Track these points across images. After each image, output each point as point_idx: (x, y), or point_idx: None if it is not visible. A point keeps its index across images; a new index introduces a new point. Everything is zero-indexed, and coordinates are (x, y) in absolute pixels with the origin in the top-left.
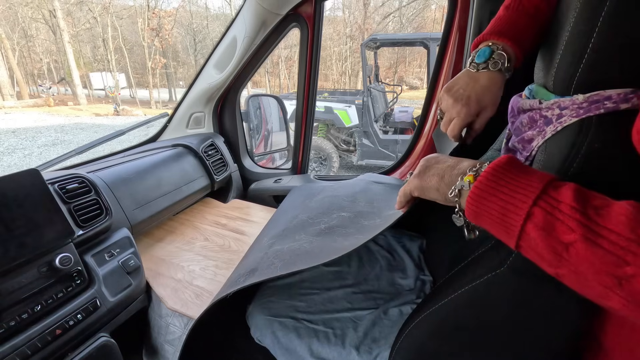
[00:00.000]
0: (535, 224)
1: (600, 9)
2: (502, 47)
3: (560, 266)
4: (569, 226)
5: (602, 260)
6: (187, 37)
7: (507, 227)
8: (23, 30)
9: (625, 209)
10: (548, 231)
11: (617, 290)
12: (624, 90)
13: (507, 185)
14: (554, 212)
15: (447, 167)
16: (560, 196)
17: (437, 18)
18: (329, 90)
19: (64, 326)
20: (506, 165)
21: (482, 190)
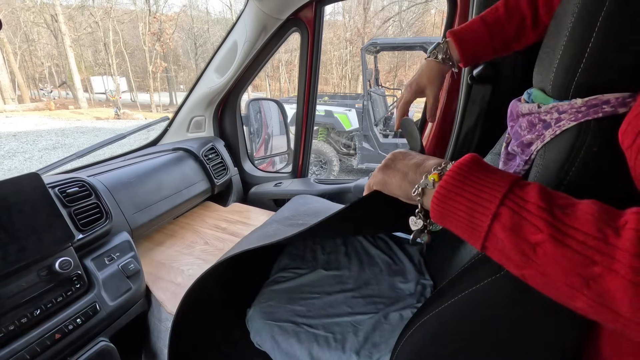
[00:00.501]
0: (502, 224)
1: (598, 13)
2: (444, 43)
3: (526, 267)
4: (536, 226)
5: (570, 260)
6: (188, 41)
7: (474, 227)
8: (25, 34)
9: (590, 207)
10: (515, 231)
11: (585, 290)
12: (622, 94)
13: (473, 184)
14: (521, 212)
15: (412, 165)
16: (526, 195)
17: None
18: (329, 94)
19: (63, 330)
20: (471, 164)
21: (447, 190)
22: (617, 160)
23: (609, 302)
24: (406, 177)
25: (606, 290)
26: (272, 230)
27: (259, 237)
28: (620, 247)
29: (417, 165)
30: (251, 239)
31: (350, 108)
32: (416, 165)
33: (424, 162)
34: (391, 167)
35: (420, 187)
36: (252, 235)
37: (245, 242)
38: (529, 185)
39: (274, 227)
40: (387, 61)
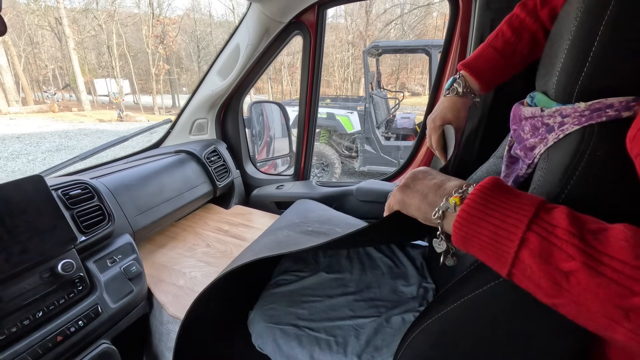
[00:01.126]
0: (530, 251)
1: (602, 17)
2: (462, 76)
3: (558, 296)
4: (567, 253)
5: (607, 290)
6: (190, 44)
7: (500, 253)
8: (29, 37)
9: (623, 233)
10: (545, 258)
11: (624, 322)
12: (626, 98)
13: (497, 208)
14: (550, 238)
15: (432, 186)
16: (554, 220)
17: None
18: (331, 96)
19: (65, 333)
20: (494, 187)
21: (470, 214)
22: (622, 165)
23: None
24: (426, 199)
25: None
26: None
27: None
28: None
29: (437, 186)
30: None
31: (352, 110)
32: (436, 187)
33: (445, 184)
34: (411, 187)
35: (441, 210)
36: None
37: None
38: (557, 208)
39: (284, 234)
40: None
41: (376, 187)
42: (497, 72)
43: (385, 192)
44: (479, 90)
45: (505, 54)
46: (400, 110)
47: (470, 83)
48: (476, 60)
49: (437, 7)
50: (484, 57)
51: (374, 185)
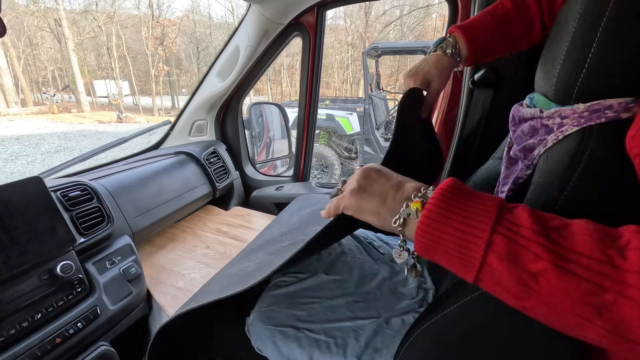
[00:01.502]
0: (497, 254)
1: (600, 19)
2: (453, 37)
3: (528, 298)
4: (535, 253)
5: (577, 288)
6: (190, 45)
7: (465, 259)
8: (29, 38)
9: (586, 228)
10: (513, 260)
11: (597, 320)
12: (625, 99)
13: (460, 212)
14: (516, 238)
15: (390, 188)
16: (517, 219)
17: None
18: (331, 97)
19: (64, 335)
20: (454, 189)
21: (433, 220)
22: (621, 165)
23: (624, 332)
24: (384, 204)
25: (620, 319)
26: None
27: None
28: (629, 270)
29: (396, 188)
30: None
31: (351, 112)
32: (395, 189)
33: (403, 186)
34: (366, 190)
35: (402, 216)
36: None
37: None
38: (517, 207)
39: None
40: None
41: None
42: (489, 44)
43: None
44: (466, 57)
45: (502, 25)
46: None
47: (460, 46)
48: (471, 24)
49: (436, 9)
50: (479, 23)
51: None
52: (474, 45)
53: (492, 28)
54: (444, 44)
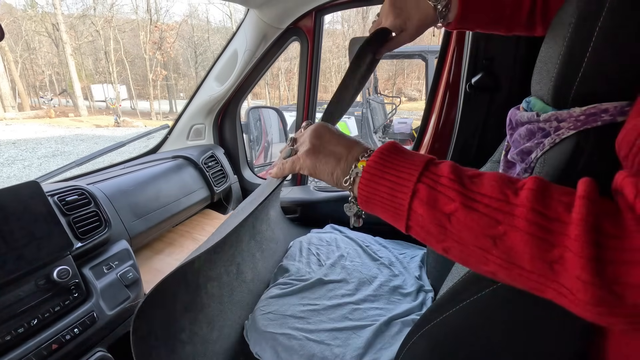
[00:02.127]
0: (420, 200)
1: (595, 23)
2: None
3: (445, 239)
4: (449, 197)
5: (478, 223)
6: (188, 49)
7: (396, 207)
8: (26, 42)
9: (495, 175)
10: (432, 204)
11: (493, 250)
12: (620, 103)
13: (393, 167)
14: (436, 186)
15: (343, 149)
16: (439, 171)
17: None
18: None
19: (60, 341)
20: (391, 148)
21: (371, 174)
22: (618, 168)
23: (513, 258)
24: (339, 165)
25: (510, 246)
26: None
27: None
28: (518, 204)
29: (347, 149)
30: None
31: (349, 115)
32: (346, 150)
33: (353, 147)
34: (321, 150)
35: (352, 176)
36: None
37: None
38: (443, 162)
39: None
40: (385, 69)
41: None
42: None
43: None
44: (450, 20)
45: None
46: (397, 115)
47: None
48: None
49: None
50: None
51: None
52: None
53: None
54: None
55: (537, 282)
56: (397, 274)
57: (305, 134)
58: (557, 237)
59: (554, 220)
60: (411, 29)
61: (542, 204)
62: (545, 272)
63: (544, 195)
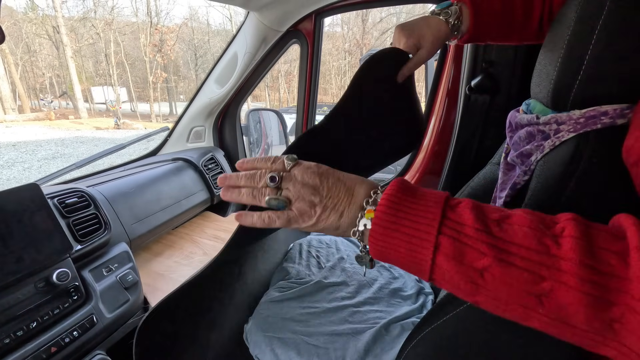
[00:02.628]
0: (445, 255)
1: (594, 26)
2: (460, 7)
3: (477, 294)
4: (479, 250)
5: (519, 279)
6: (188, 52)
7: (417, 262)
8: (27, 45)
9: (524, 218)
10: (459, 259)
11: (539, 309)
12: (620, 105)
13: (407, 216)
14: (461, 238)
15: (344, 198)
16: (461, 218)
17: None
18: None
19: (59, 343)
20: (399, 192)
21: (383, 227)
22: (618, 171)
23: (564, 317)
24: (341, 219)
25: (560, 305)
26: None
27: None
28: (563, 257)
29: (348, 195)
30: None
31: None
32: (347, 197)
33: (354, 191)
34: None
35: (359, 228)
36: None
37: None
38: (460, 204)
39: None
40: None
41: None
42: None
43: None
44: (464, 33)
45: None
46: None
47: (463, 18)
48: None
49: None
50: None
51: None
52: (477, 21)
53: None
54: (449, 10)
55: (594, 340)
56: (397, 276)
57: (296, 184)
58: (616, 294)
59: (609, 275)
60: (427, 45)
61: (590, 257)
62: (603, 332)
63: (590, 243)
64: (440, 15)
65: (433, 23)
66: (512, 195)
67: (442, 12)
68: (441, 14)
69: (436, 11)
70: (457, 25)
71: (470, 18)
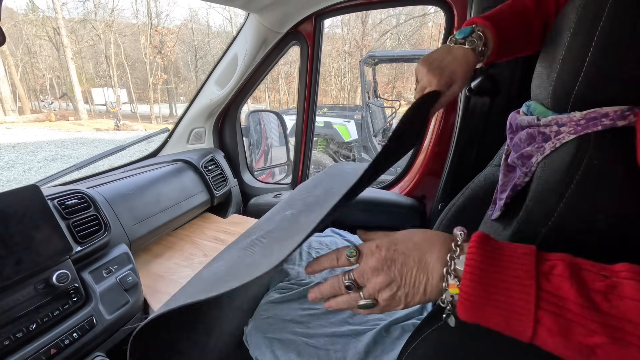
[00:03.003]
0: (548, 329)
1: (595, 27)
2: (482, 30)
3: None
4: (588, 328)
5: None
6: (188, 53)
7: (517, 333)
8: (27, 47)
9: (635, 289)
10: (566, 335)
11: None
12: (621, 107)
13: (498, 291)
14: (563, 313)
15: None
16: (560, 291)
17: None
18: (328, 105)
19: (59, 345)
20: (482, 263)
21: (472, 302)
22: (619, 173)
23: None
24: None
25: None
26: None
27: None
28: None
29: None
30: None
31: (349, 119)
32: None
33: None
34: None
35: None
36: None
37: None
38: (555, 270)
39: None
40: (385, 73)
41: (374, 195)
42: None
43: (383, 201)
44: (488, 55)
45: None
46: (396, 118)
47: (488, 41)
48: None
49: (432, 18)
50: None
51: (371, 194)
52: (500, 42)
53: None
54: (473, 37)
55: None
56: None
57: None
58: None
59: None
60: (459, 80)
61: None
62: None
63: None
64: (464, 44)
65: (460, 55)
66: (512, 197)
67: (467, 41)
68: (466, 42)
69: (459, 40)
70: (483, 50)
71: (494, 40)
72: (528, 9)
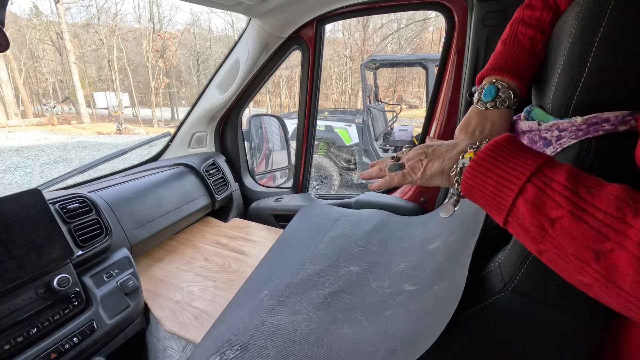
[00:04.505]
0: (525, 199)
1: (594, 34)
2: (506, 84)
3: (543, 241)
4: (557, 202)
5: (585, 234)
6: (190, 57)
7: (499, 201)
8: (30, 51)
9: (617, 189)
10: (537, 206)
11: (593, 264)
12: (622, 112)
13: (504, 161)
14: (546, 189)
15: (447, 149)
16: (554, 175)
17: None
18: (330, 109)
19: (59, 350)
20: (505, 142)
21: (479, 165)
22: (620, 176)
23: (614, 277)
24: (444, 162)
25: (613, 265)
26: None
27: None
28: (634, 226)
29: (451, 147)
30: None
31: (350, 123)
32: (450, 148)
33: (458, 145)
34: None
35: (459, 166)
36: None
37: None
38: (560, 166)
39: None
40: (386, 77)
41: (375, 199)
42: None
43: (384, 204)
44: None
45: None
46: (397, 122)
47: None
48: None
49: (433, 22)
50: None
51: (373, 198)
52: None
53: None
54: (504, 97)
55: (635, 304)
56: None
57: (409, 153)
58: None
59: None
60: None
61: None
62: None
63: None
64: (496, 105)
65: (497, 119)
66: None
67: (499, 102)
68: (497, 103)
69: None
70: (515, 102)
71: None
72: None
